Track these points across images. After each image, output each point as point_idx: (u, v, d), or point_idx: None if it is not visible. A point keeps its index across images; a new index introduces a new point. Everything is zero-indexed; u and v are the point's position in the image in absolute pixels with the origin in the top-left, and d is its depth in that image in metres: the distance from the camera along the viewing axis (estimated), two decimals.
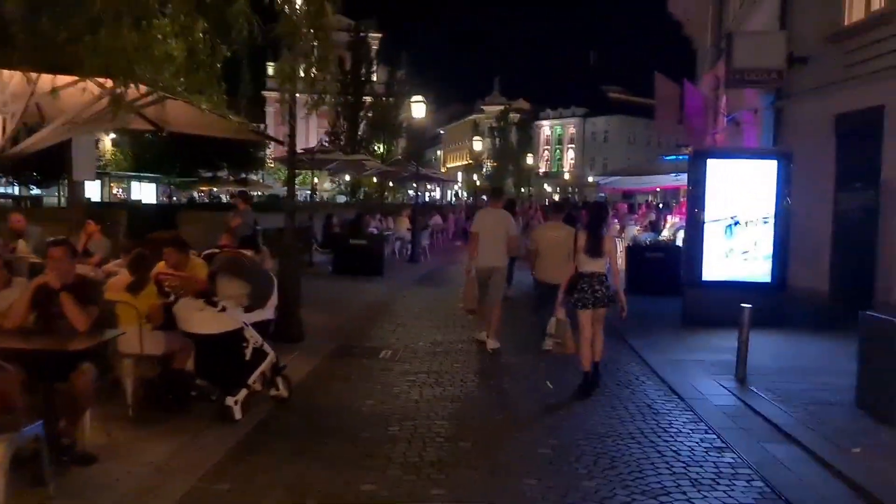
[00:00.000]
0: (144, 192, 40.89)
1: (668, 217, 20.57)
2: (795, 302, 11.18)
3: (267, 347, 6.00)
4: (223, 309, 5.63)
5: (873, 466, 4.98)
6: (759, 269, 10.51)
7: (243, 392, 5.75)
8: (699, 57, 32.36)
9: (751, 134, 19.69)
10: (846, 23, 12.31)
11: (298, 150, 16.53)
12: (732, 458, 5.26)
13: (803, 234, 11.81)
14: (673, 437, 5.73)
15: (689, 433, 5.83)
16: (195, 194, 49.77)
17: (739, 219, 10.46)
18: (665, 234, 17.63)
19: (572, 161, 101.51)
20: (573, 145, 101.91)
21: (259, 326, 5.97)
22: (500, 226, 8.93)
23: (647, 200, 37.35)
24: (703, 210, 10.49)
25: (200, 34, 5.30)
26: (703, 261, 10.55)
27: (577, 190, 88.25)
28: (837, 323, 10.75)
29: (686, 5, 29.72)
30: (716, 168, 10.44)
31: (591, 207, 8.32)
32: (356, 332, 9.86)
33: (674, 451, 5.38)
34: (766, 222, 10.45)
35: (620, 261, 12.34)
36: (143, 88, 6.38)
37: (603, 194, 79.54)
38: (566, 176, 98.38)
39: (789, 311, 10.63)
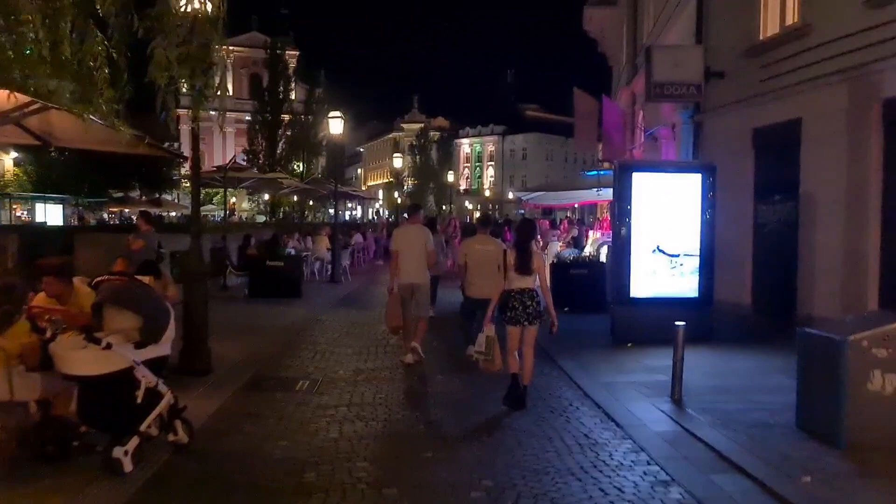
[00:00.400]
0: (51, 213, 38.65)
1: (590, 232, 20.57)
2: (722, 315, 11.11)
3: (162, 387, 5.28)
4: (108, 346, 4.90)
5: (826, 497, 4.67)
6: (686, 284, 10.35)
7: (134, 440, 5.02)
8: (615, 73, 32.94)
9: (669, 149, 19.90)
10: (761, 37, 12.43)
11: (210, 168, 15.69)
12: (680, 493, 4.87)
13: (725, 248, 11.79)
14: (615, 471, 5.31)
15: (630, 465, 5.42)
16: (105, 215, 47.76)
17: (667, 235, 10.29)
18: (588, 249, 17.52)
19: (492, 178, 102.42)
20: (493, 163, 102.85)
21: (154, 364, 5.25)
22: (418, 242, 8.96)
23: (566, 216, 37.60)
24: (630, 225, 10.27)
25: (67, 22, 4.53)
26: (630, 278, 10.31)
27: (497, 206, 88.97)
28: (763, 336, 10.73)
29: (601, 23, 30.16)
30: (641, 182, 10.25)
31: (519, 224, 8.19)
32: (271, 362, 9.15)
33: (617, 489, 4.95)
34: (691, 236, 10.32)
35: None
36: (19, 96, 5.64)
37: (522, 210, 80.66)
38: (487, 193, 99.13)
39: (716, 325, 10.52)
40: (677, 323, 7.29)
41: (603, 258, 15.22)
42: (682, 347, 7.23)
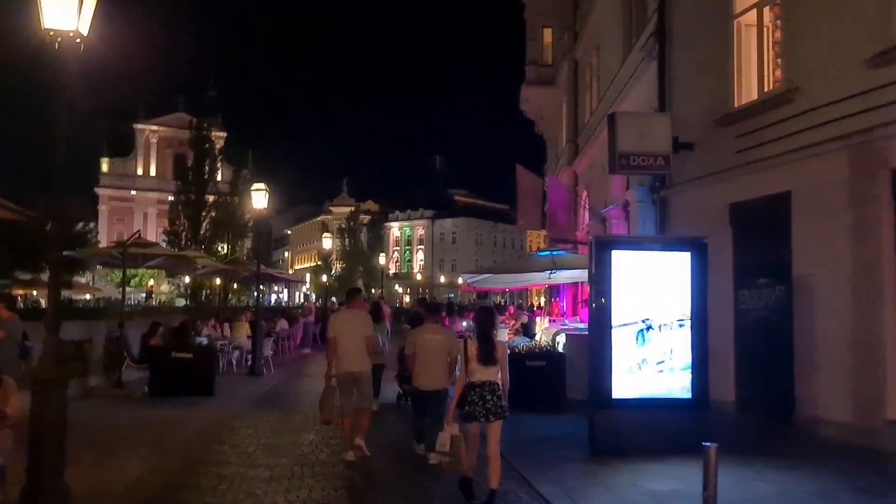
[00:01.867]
0: None
1: (536, 319, 19.00)
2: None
3: None
4: None
5: None
6: (676, 382, 8.71)
7: None
8: (551, 154, 32.24)
9: (619, 230, 18.69)
10: (736, 104, 11.33)
11: (109, 244, 13.44)
12: None
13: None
14: None
15: None
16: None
17: (653, 322, 8.69)
18: (540, 337, 15.88)
19: (422, 262, 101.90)
20: (422, 246, 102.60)
21: None
22: (359, 328, 8.56)
23: (501, 301, 36.09)
24: (609, 310, 8.63)
25: None
26: (612, 375, 8.59)
27: (427, 290, 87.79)
28: (765, 443, 9.10)
29: (538, 103, 29.56)
30: (621, 261, 8.69)
31: (478, 312, 7.48)
32: (156, 499, 6.92)
33: None
34: (682, 325, 8.74)
35: None
36: None
37: (451, 294, 79.42)
38: (418, 276, 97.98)
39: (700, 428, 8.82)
40: (706, 444, 5.53)
41: (561, 348, 13.57)
42: (715, 475, 5.45)
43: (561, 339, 13.80)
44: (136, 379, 13.64)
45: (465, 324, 20.12)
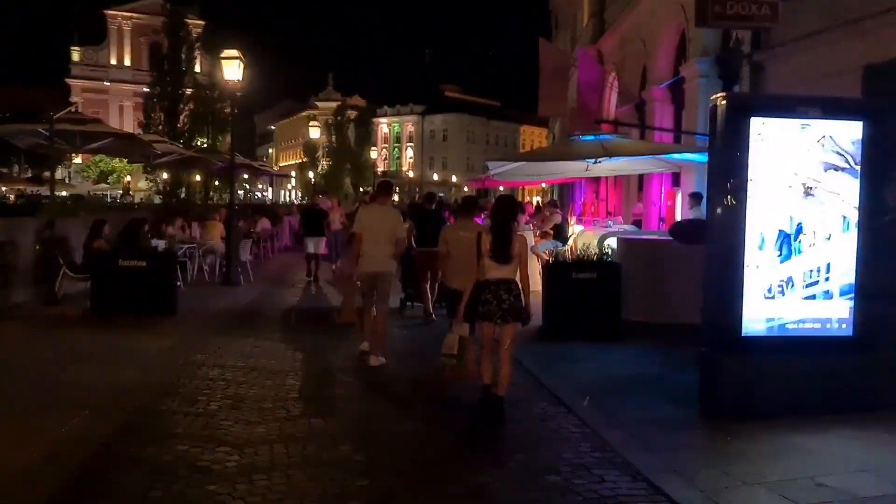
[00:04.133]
0: None
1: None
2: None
3: None
4: None
5: None
6: (833, 310, 5.99)
7: None
8: (564, 37, 28.57)
9: (663, 116, 15.72)
10: None
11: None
12: None
13: None
14: None
15: None
16: None
17: (804, 225, 5.87)
18: (572, 243, 13.14)
19: (411, 160, 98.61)
20: (412, 143, 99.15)
21: None
22: (386, 226, 7.95)
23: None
24: (742, 209, 5.79)
25: None
26: (741, 302, 5.84)
27: (418, 189, 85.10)
28: None
29: None
30: (764, 133, 5.77)
31: (497, 202, 6.52)
32: (77, 484, 4.26)
33: None
34: (846, 230, 5.94)
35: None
36: None
37: (442, 194, 76.57)
38: (410, 174, 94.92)
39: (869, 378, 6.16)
40: None
41: (615, 257, 10.83)
42: None
43: (613, 243, 11.02)
44: (77, 292, 10.83)
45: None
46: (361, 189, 67.96)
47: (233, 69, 13.31)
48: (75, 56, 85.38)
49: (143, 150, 14.27)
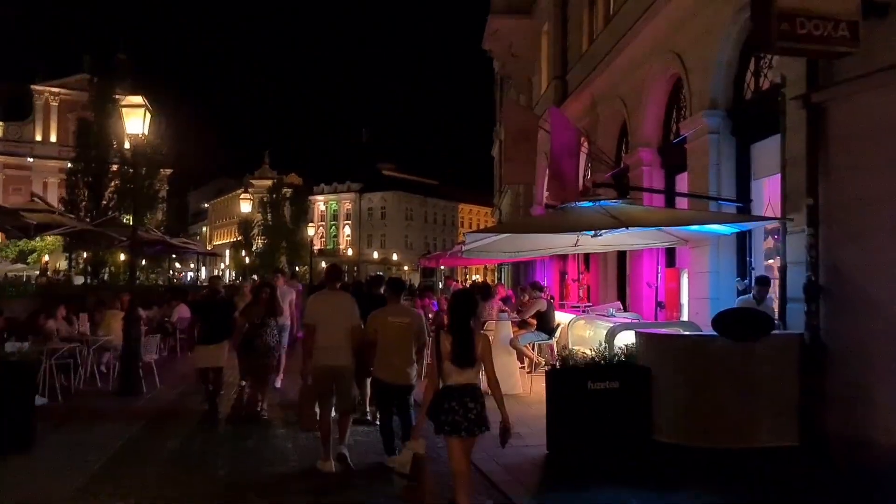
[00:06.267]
0: None
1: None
2: None
3: None
4: None
5: None
6: None
7: None
8: (518, 102, 26.72)
9: (654, 182, 13.58)
10: None
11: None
12: None
13: None
14: None
15: None
16: None
17: None
18: (568, 334, 10.65)
19: (349, 238, 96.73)
20: (349, 221, 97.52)
21: None
22: (341, 314, 7.21)
23: (450, 279, 30.61)
24: None
25: None
26: None
27: (356, 267, 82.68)
28: None
29: (510, 37, 24.05)
30: None
31: (454, 296, 5.91)
32: None
33: None
34: None
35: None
36: None
37: (381, 272, 74.08)
38: (349, 252, 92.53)
39: None
40: None
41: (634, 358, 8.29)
42: None
43: (626, 338, 8.49)
44: None
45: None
46: (297, 268, 64.91)
47: (136, 121, 10.58)
48: None
49: (17, 221, 11.14)
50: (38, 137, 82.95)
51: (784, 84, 8.34)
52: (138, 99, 10.55)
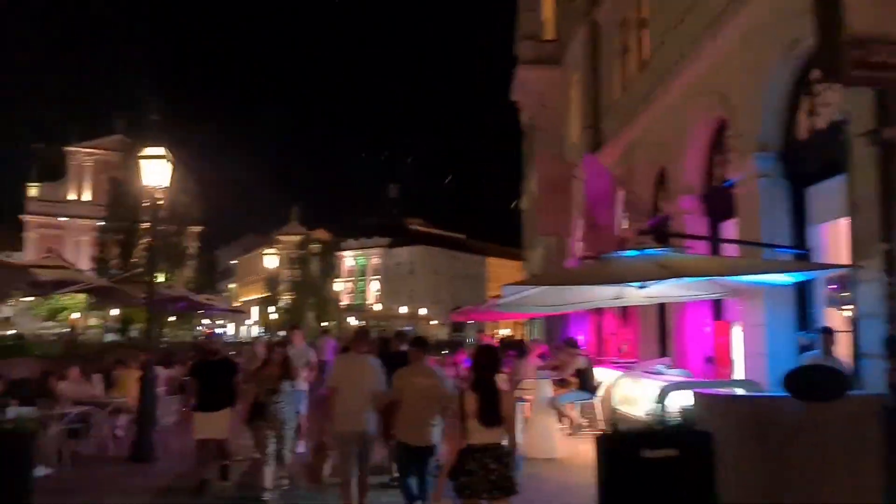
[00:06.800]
0: None
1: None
2: None
3: None
4: None
5: None
6: None
7: None
8: (548, 153, 26.24)
9: (696, 229, 12.86)
10: None
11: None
12: None
13: None
14: None
15: None
16: None
17: None
18: (612, 393, 9.85)
19: (377, 293, 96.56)
20: (377, 276, 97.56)
21: None
22: (365, 378, 7.08)
23: (488, 336, 29.86)
24: None
25: None
26: None
27: (384, 323, 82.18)
28: None
29: (539, 87, 23.76)
30: None
31: (477, 351, 5.96)
32: None
33: None
34: None
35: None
36: None
37: (409, 327, 73.26)
38: (377, 307, 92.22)
39: None
40: None
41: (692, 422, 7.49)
42: None
43: (680, 399, 7.70)
44: None
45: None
46: (324, 323, 64.47)
47: (157, 171, 10.16)
48: (33, 192, 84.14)
49: (22, 278, 10.64)
50: (72, 197, 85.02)
51: (847, 121, 7.68)
52: (159, 149, 10.16)
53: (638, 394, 9.55)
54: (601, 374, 11.34)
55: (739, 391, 8.19)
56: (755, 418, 6.93)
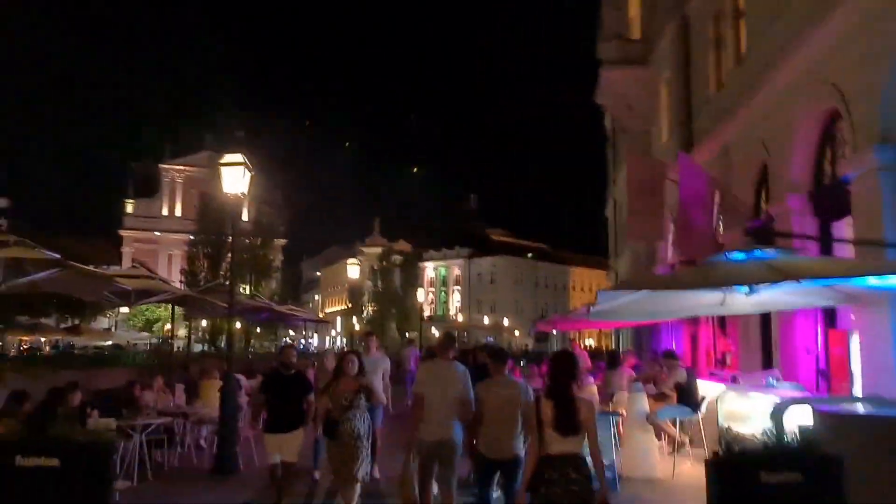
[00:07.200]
0: None
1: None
2: None
3: None
4: None
5: None
6: None
7: None
8: (625, 149, 25.29)
9: (805, 230, 11.84)
10: None
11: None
12: None
13: None
14: None
15: None
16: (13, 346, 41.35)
17: None
18: (718, 407, 9.04)
19: (458, 304, 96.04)
20: (458, 287, 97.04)
21: None
22: (452, 385, 6.64)
23: (582, 345, 28.97)
24: None
25: None
26: None
27: (466, 333, 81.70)
28: None
29: (625, 86, 22.90)
30: None
31: (553, 358, 5.56)
32: None
33: None
34: None
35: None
36: None
37: (490, 337, 72.28)
38: (459, 318, 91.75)
39: None
40: None
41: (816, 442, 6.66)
42: None
43: (797, 415, 6.89)
44: None
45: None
46: (407, 334, 64.52)
47: (235, 178, 10.00)
48: (129, 208, 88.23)
49: (100, 284, 10.64)
50: (165, 212, 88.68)
51: None
52: (237, 156, 9.98)
53: (748, 409, 8.67)
54: (703, 388, 10.49)
55: (865, 408, 7.29)
56: (891, 440, 6.09)
